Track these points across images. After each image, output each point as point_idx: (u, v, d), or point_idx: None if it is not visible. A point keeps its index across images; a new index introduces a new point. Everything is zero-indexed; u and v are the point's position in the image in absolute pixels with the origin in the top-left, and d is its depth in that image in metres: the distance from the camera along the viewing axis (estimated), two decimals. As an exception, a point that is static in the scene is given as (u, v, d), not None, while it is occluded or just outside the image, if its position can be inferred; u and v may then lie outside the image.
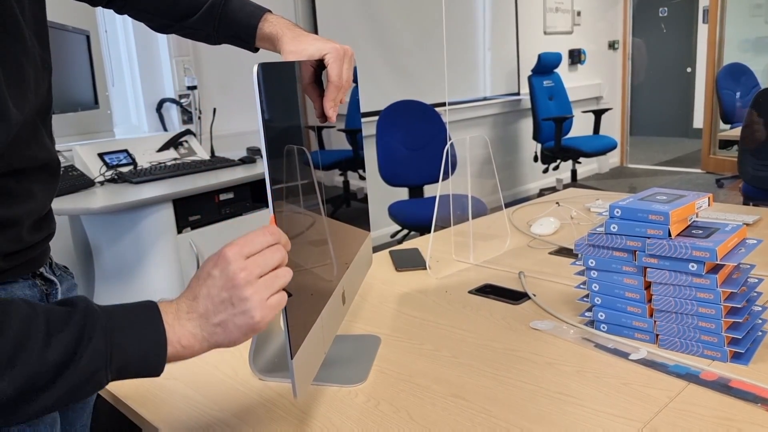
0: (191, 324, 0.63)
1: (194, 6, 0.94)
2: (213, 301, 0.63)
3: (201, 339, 0.63)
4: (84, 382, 0.57)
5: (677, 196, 1.01)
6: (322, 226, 0.88)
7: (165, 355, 0.62)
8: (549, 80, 5.25)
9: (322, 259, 0.87)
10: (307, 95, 0.87)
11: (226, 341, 0.64)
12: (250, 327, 0.63)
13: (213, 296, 0.63)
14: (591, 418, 0.80)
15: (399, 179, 3.56)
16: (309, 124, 0.85)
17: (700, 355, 0.94)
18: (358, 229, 1.18)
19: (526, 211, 1.89)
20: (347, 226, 1.06)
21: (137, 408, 0.90)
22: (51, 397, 0.55)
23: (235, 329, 0.63)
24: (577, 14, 6.05)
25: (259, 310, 0.62)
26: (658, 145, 8.08)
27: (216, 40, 0.97)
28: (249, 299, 0.62)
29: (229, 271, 0.62)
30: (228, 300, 0.62)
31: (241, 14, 0.94)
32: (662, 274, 0.95)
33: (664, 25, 8.46)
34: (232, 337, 0.63)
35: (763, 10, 6.58)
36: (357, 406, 0.87)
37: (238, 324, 0.63)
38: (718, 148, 6.27)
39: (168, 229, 2.29)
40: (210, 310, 0.63)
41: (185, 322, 0.63)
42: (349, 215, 1.10)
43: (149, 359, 0.61)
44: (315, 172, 0.83)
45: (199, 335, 0.63)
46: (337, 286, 0.94)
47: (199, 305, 0.63)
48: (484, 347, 1.02)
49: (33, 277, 0.73)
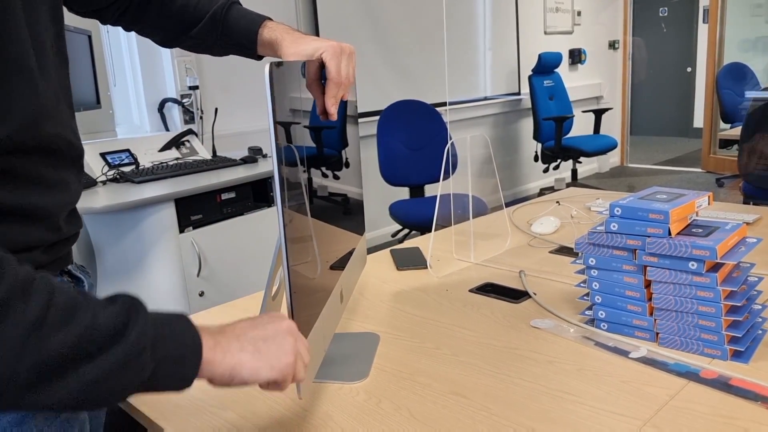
0: (223, 337, 0.61)
1: (197, 17, 0.95)
2: (252, 326, 0.63)
3: (232, 350, 0.61)
4: (129, 361, 0.54)
5: (677, 195, 1.02)
6: (320, 226, 0.89)
7: (200, 358, 0.59)
8: (549, 80, 5.25)
9: (323, 258, 0.88)
10: (311, 93, 0.88)
11: (250, 363, 0.61)
12: (279, 360, 0.62)
13: (255, 325, 0.63)
14: (591, 416, 0.80)
15: (400, 179, 3.56)
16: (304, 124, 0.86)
17: (700, 353, 0.94)
18: (355, 227, 1.18)
19: (527, 210, 1.90)
20: (344, 224, 1.07)
21: (141, 407, 0.90)
22: (95, 370, 0.52)
23: (266, 352, 0.62)
24: (577, 14, 6.05)
25: (294, 356, 0.63)
26: (658, 145, 8.08)
27: (220, 49, 0.98)
28: (290, 340, 0.63)
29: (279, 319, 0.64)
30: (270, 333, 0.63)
31: (242, 21, 0.95)
32: (662, 272, 0.95)
33: (665, 25, 8.46)
34: (258, 361, 0.61)
35: (763, 9, 6.58)
36: (358, 403, 0.87)
37: (271, 350, 0.62)
38: (718, 147, 6.27)
39: (170, 228, 2.29)
40: (247, 328, 0.63)
41: (216, 335, 0.61)
42: (345, 214, 1.10)
43: (186, 359, 0.58)
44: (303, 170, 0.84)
45: (226, 345, 0.61)
46: (335, 285, 0.94)
47: (235, 327, 0.63)
48: (484, 346, 1.02)
49: (62, 275, 0.74)
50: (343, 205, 1.11)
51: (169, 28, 0.98)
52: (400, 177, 3.56)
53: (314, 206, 0.85)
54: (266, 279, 0.75)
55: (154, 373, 0.55)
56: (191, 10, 0.96)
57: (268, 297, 0.96)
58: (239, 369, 0.61)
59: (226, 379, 0.61)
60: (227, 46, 0.98)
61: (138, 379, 0.55)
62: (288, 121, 0.79)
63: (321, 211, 0.89)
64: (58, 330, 0.50)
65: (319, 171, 0.90)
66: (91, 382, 0.52)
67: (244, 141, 3.46)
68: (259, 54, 0.99)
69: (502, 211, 1.73)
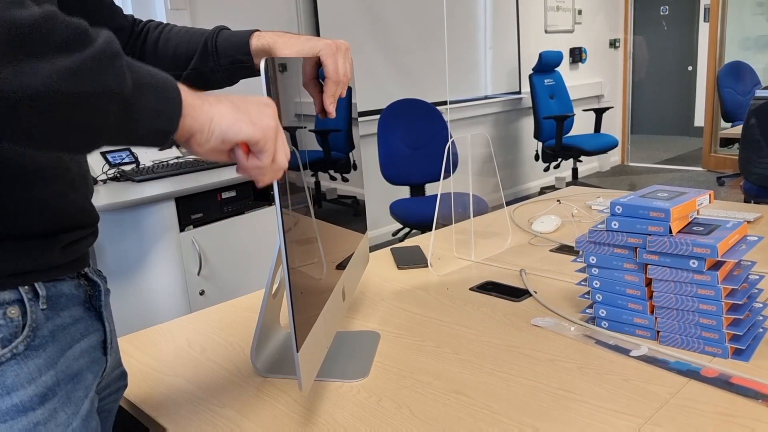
0: (201, 95, 0.59)
1: (191, 49, 0.96)
2: (230, 97, 0.61)
3: (211, 101, 0.59)
4: (103, 60, 0.49)
5: (678, 193, 1.02)
6: (323, 225, 0.89)
7: (180, 95, 0.56)
8: (550, 79, 5.25)
9: (325, 256, 0.87)
10: (308, 92, 0.88)
11: (230, 114, 0.59)
12: (261, 119, 0.60)
13: (233, 96, 0.62)
14: (592, 414, 0.80)
15: (400, 178, 3.56)
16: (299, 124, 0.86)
17: (701, 351, 0.94)
18: (357, 226, 1.18)
19: (528, 209, 1.90)
20: (347, 223, 1.07)
21: (142, 406, 0.90)
22: (69, 61, 0.48)
23: (246, 111, 0.60)
24: (578, 13, 6.05)
25: (275, 122, 0.62)
26: (658, 144, 8.08)
27: (223, 75, 0.99)
28: (271, 111, 0.62)
29: (259, 98, 0.63)
30: (251, 101, 0.62)
31: (233, 38, 0.96)
32: (663, 270, 0.95)
33: (665, 24, 8.46)
34: (238, 114, 0.60)
35: (764, 8, 6.58)
36: (359, 402, 0.87)
37: (252, 110, 0.60)
38: (719, 146, 6.27)
39: (170, 227, 2.30)
40: (225, 96, 0.61)
41: (193, 93, 0.59)
42: (347, 213, 1.10)
43: (168, 92, 0.55)
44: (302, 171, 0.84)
45: (205, 98, 0.59)
46: (337, 282, 0.94)
47: (213, 94, 0.61)
48: (485, 344, 1.02)
49: (78, 278, 0.73)
50: (353, 208, 1.11)
51: (169, 65, 0.98)
52: (400, 176, 3.56)
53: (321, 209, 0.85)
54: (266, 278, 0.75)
55: (134, 100, 0.52)
56: (183, 50, 0.97)
57: (269, 295, 0.96)
58: (219, 120, 0.59)
59: (206, 132, 0.58)
60: (226, 66, 0.98)
61: (118, 95, 0.51)
62: (294, 126, 0.78)
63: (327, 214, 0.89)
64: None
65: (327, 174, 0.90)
66: (66, 71, 0.47)
67: (245, 140, 3.45)
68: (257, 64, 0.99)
69: (502, 209, 1.73)
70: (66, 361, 0.67)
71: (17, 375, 0.61)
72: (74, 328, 0.69)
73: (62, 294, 0.69)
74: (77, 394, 0.68)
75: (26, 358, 0.62)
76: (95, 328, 0.73)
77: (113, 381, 0.82)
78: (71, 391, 0.67)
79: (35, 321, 0.64)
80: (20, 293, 0.63)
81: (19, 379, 0.62)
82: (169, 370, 1.01)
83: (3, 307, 0.61)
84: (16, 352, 0.62)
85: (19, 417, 0.62)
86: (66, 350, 0.67)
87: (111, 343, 0.77)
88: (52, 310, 0.66)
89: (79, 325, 0.71)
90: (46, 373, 0.64)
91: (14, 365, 0.61)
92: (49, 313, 0.66)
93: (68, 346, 0.68)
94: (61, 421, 0.66)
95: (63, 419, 0.66)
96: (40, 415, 0.63)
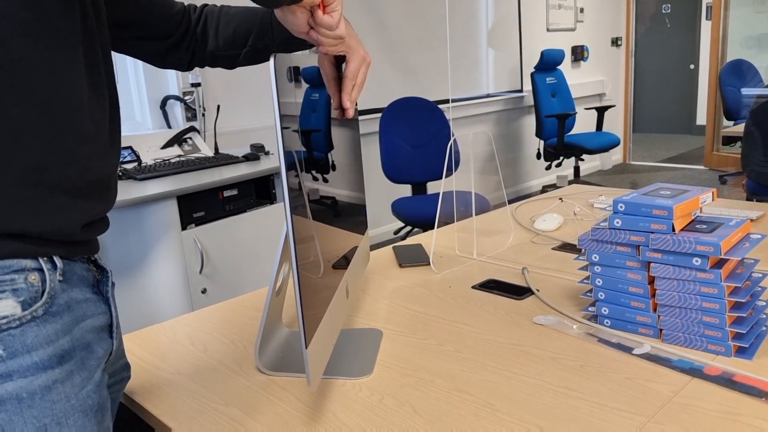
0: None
1: (248, 29, 1.00)
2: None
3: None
4: None
5: (681, 191, 1.02)
6: (322, 225, 0.89)
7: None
8: (552, 77, 5.24)
9: (329, 255, 0.88)
10: (328, 89, 0.92)
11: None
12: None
13: None
14: (595, 413, 0.80)
15: (402, 176, 3.56)
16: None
17: (704, 349, 0.94)
18: (358, 225, 1.18)
19: (529, 207, 1.89)
20: (347, 222, 1.07)
21: (147, 406, 0.90)
22: None
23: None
24: (580, 11, 6.04)
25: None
26: (661, 142, 8.06)
27: (276, 49, 1.01)
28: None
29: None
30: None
31: None
32: (666, 268, 0.95)
33: (668, 21, 8.45)
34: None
35: (766, 6, 6.56)
36: (361, 400, 0.87)
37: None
38: (721, 144, 6.26)
39: (172, 225, 2.30)
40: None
41: None
42: (349, 212, 1.10)
43: None
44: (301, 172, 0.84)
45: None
46: (341, 280, 0.95)
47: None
48: (487, 342, 1.02)
49: (88, 262, 0.76)
50: (333, 209, 1.12)
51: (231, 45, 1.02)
52: (402, 174, 3.56)
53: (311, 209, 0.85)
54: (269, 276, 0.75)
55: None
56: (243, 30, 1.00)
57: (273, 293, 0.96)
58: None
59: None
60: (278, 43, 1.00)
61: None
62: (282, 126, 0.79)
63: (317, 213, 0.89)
64: None
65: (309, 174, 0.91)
66: None
67: (247, 138, 3.47)
68: None
69: (504, 208, 1.73)
70: (80, 331, 0.71)
71: (36, 336, 0.65)
72: (85, 305, 0.73)
73: (75, 273, 0.72)
74: (90, 362, 0.71)
75: (45, 322, 0.66)
76: (102, 311, 0.77)
77: (118, 371, 0.84)
78: (85, 358, 0.71)
79: (53, 290, 0.67)
80: (40, 263, 0.67)
81: (39, 339, 0.65)
82: (172, 368, 1.01)
83: (25, 272, 0.65)
84: (35, 315, 0.65)
85: (38, 374, 0.65)
86: (80, 321, 0.71)
87: (116, 328, 0.80)
88: (67, 283, 0.70)
89: (89, 304, 0.74)
90: (63, 338, 0.68)
91: (34, 327, 0.65)
92: (65, 286, 0.70)
93: (81, 319, 0.71)
94: (77, 382, 0.69)
95: (78, 381, 0.69)
96: (58, 374, 0.66)
